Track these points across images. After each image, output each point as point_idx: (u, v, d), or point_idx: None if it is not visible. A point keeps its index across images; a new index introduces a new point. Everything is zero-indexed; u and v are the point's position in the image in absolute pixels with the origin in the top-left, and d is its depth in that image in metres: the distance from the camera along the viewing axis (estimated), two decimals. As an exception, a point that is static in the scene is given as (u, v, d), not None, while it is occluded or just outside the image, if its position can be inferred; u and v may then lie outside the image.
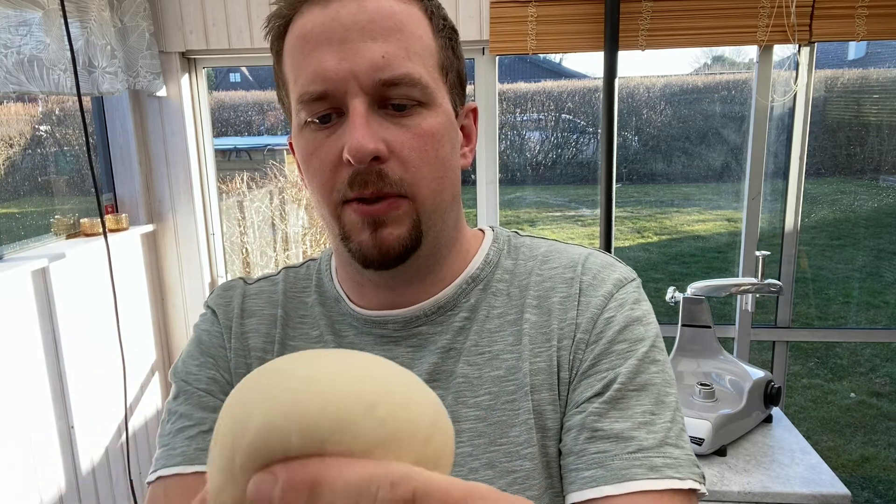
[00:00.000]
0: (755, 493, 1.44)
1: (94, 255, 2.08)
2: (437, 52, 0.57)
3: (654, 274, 4.24)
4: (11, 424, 1.73)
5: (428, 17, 0.57)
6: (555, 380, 0.59)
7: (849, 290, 3.92)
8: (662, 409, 0.56)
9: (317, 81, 0.53)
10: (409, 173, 0.55)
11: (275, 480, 0.21)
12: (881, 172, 3.47)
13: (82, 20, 1.94)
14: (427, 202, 0.57)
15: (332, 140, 0.55)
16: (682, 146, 3.37)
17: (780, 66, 2.18)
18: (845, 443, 3.17)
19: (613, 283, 0.61)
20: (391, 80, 0.53)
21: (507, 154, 3.53)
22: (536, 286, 0.63)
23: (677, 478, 0.53)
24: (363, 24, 0.53)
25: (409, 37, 0.55)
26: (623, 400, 0.56)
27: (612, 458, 0.54)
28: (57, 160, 2.32)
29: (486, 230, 0.70)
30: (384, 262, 0.57)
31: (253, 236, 3.22)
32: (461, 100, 0.62)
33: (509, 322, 0.62)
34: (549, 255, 0.65)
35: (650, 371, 0.58)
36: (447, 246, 0.62)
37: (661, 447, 0.54)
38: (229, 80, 4.73)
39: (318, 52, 0.53)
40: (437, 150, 0.56)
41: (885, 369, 3.62)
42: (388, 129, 0.54)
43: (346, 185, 0.54)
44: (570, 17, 2.10)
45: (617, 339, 0.58)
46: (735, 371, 1.77)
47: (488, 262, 0.65)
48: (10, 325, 1.75)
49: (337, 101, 0.54)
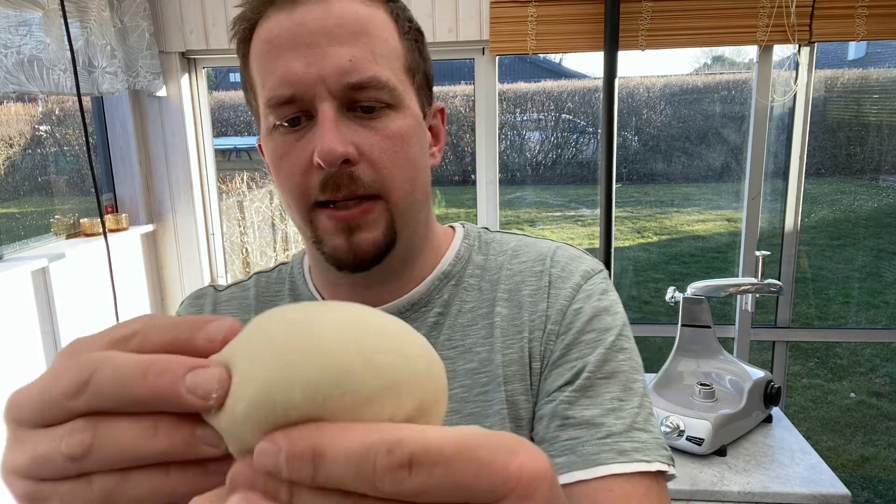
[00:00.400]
0: (755, 493, 1.44)
1: (94, 255, 2.08)
2: (404, 55, 0.58)
3: (654, 274, 4.24)
4: (11, 424, 1.73)
5: (394, 19, 0.58)
6: (527, 370, 0.61)
7: (849, 290, 3.92)
8: (630, 396, 0.58)
9: (285, 85, 0.54)
10: (381, 175, 0.56)
11: (278, 450, 0.22)
12: (881, 172, 3.47)
13: (82, 20, 1.94)
14: (400, 202, 0.57)
15: (301, 143, 0.55)
16: (682, 146, 3.37)
17: (780, 66, 2.18)
18: (845, 443, 3.17)
19: (581, 275, 0.64)
20: (359, 84, 0.54)
21: (507, 154, 3.52)
22: (507, 280, 0.65)
23: (645, 461, 0.55)
24: (329, 29, 0.54)
25: (376, 40, 0.55)
26: (592, 388, 0.58)
27: (582, 445, 0.56)
28: (57, 160, 2.32)
29: (456, 227, 0.71)
30: (359, 265, 0.58)
31: (253, 236, 3.22)
32: (429, 101, 0.63)
33: (481, 316, 0.64)
34: (519, 249, 0.67)
35: (618, 359, 0.60)
36: (419, 244, 0.64)
37: (630, 432, 0.56)
38: (229, 80, 4.73)
39: (285, 56, 0.54)
40: (406, 150, 0.57)
41: (885, 369, 3.62)
42: (357, 132, 0.55)
43: (317, 189, 0.55)
44: (570, 17, 2.10)
45: (585, 329, 0.61)
46: (735, 371, 1.77)
47: (459, 258, 0.67)
48: (10, 325, 1.75)
49: (305, 104, 0.54)
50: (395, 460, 0.21)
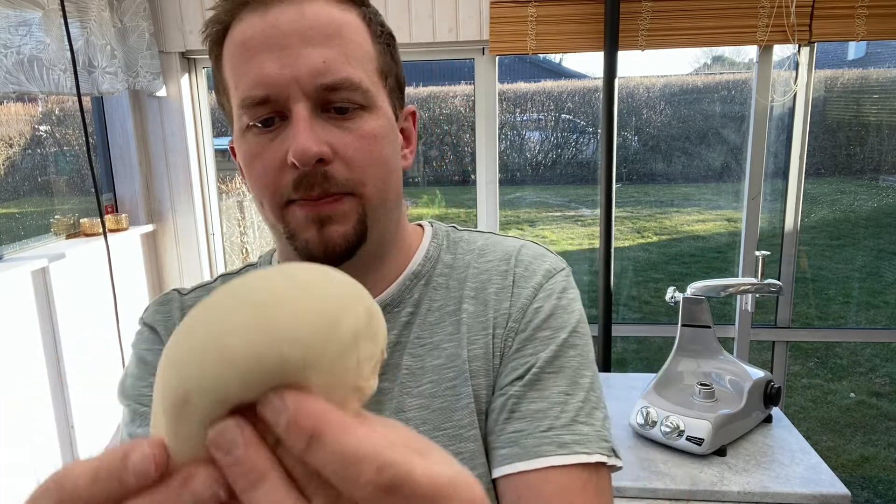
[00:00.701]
0: (755, 493, 1.44)
1: (94, 255, 2.08)
2: (376, 58, 0.59)
3: (654, 274, 4.24)
4: (12, 425, 1.73)
5: (366, 23, 0.59)
6: (490, 366, 0.63)
7: (849, 290, 3.92)
8: (576, 390, 0.60)
9: (259, 86, 0.54)
10: (355, 173, 0.56)
11: (284, 408, 0.23)
12: (881, 172, 3.47)
13: (82, 20, 1.94)
14: (373, 199, 0.58)
15: (275, 143, 0.55)
16: (682, 146, 3.37)
17: (780, 66, 2.18)
18: (845, 443, 3.17)
19: (543, 274, 0.65)
20: (332, 85, 0.54)
21: (507, 154, 3.52)
22: (474, 278, 0.67)
23: (584, 453, 0.57)
24: (303, 31, 0.54)
25: (349, 42, 0.56)
26: (539, 382, 0.60)
27: (525, 437, 0.58)
28: (57, 160, 2.32)
29: (424, 226, 0.72)
30: (329, 259, 0.58)
31: (253, 236, 3.22)
32: (400, 103, 0.65)
33: (448, 313, 0.65)
34: (486, 248, 0.69)
35: (568, 355, 0.62)
36: (390, 242, 0.65)
37: (571, 425, 0.58)
38: (229, 80, 4.70)
39: (258, 58, 0.54)
40: (380, 150, 0.58)
41: (885, 369, 3.62)
42: (331, 132, 0.55)
43: (290, 188, 0.56)
44: (570, 17, 2.10)
45: (542, 326, 0.62)
46: (735, 371, 1.77)
47: (429, 258, 0.68)
48: (10, 325, 1.75)
49: (279, 105, 0.55)
50: (380, 480, 0.22)
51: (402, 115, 0.65)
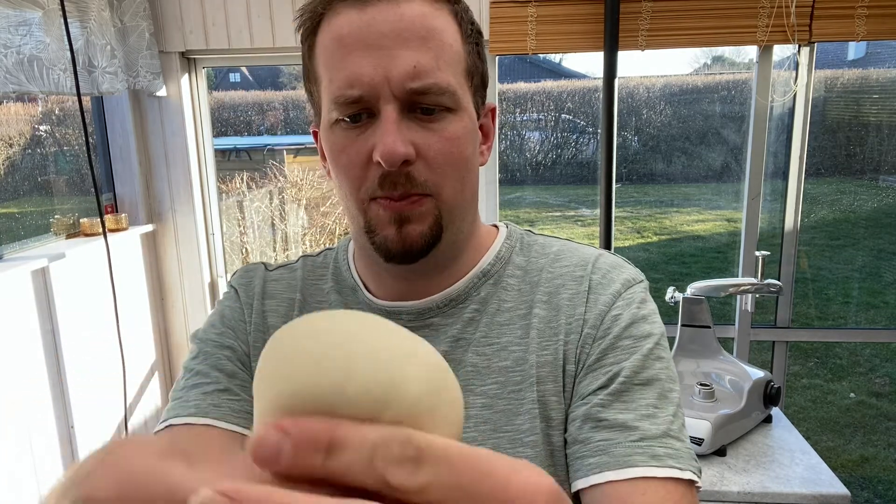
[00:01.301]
0: (755, 493, 1.44)
1: (94, 255, 2.08)
2: (465, 59, 0.60)
3: (654, 274, 4.24)
4: (11, 424, 1.73)
5: (458, 22, 0.60)
6: (560, 372, 0.62)
7: (848, 290, 3.92)
8: (665, 404, 0.58)
9: (354, 86, 0.56)
10: (435, 174, 0.58)
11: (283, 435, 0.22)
12: (881, 172, 3.47)
13: (82, 20, 1.94)
14: (449, 200, 0.60)
15: (362, 139, 0.57)
16: (682, 146, 3.37)
17: (780, 66, 2.18)
18: (845, 443, 3.17)
19: (622, 283, 0.64)
20: (422, 90, 0.56)
21: (507, 154, 3.53)
22: (547, 283, 0.66)
23: (678, 468, 0.55)
24: (398, 32, 0.55)
25: (440, 45, 0.57)
26: (627, 392, 0.58)
27: (615, 446, 0.56)
28: (57, 160, 2.32)
29: (500, 227, 0.73)
30: (406, 257, 0.60)
31: (253, 236, 3.23)
32: (482, 101, 0.66)
33: (519, 316, 0.65)
34: (561, 253, 0.68)
35: (655, 367, 0.60)
36: (464, 241, 0.66)
37: (664, 438, 0.56)
38: (229, 80, 4.73)
39: (354, 56, 0.56)
40: (461, 151, 0.59)
41: (884, 369, 3.62)
42: (416, 133, 0.57)
43: (375, 185, 0.58)
44: (570, 17, 2.10)
45: (623, 335, 0.61)
46: (735, 371, 1.77)
47: (500, 258, 0.68)
48: (10, 325, 1.75)
49: (370, 104, 0.56)
50: (406, 452, 0.22)
51: (483, 111, 0.66)
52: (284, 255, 3.37)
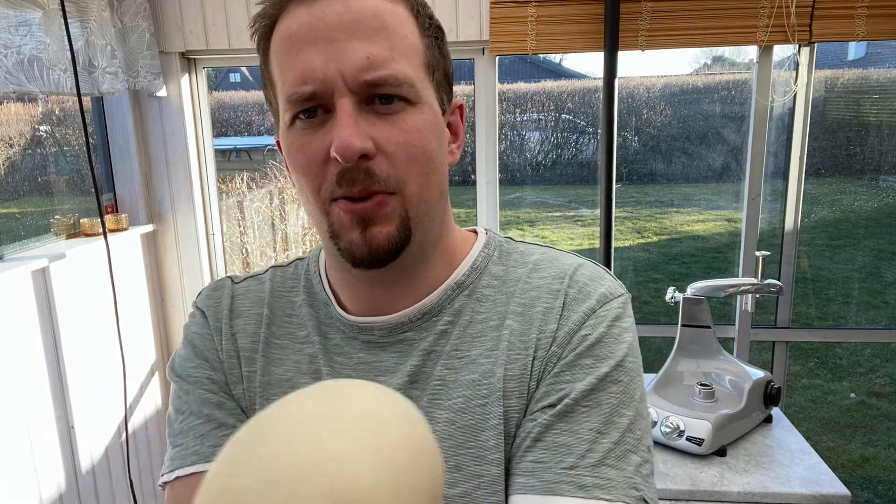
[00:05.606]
0: (755, 493, 1.44)
1: (94, 255, 2.08)
2: (423, 52, 0.58)
3: (653, 274, 4.24)
4: (12, 424, 1.73)
5: (414, 16, 0.58)
6: (525, 388, 0.59)
7: (849, 290, 3.92)
8: (610, 429, 0.56)
9: (307, 82, 0.54)
10: (397, 169, 0.55)
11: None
12: (881, 172, 3.47)
13: (82, 20, 1.94)
14: (414, 198, 0.57)
15: (318, 136, 0.55)
16: (682, 146, 3.37)
17: (780, 66, 2.18)
18: (845, 443, 3.17)
19: (597, 299, 0.61)
20: (376, 81, 0.54)
21: (507, 154, 3.53)
22: (522, 294, 0.63)
23: (605, 499, 0.52)
24: (348, 24, 0.53)
25: (395, 36, 0.55)
26: (571, 414, 0.56)
27: (545, 470, 0.54)
28: (57, 160, 2.32)
29: (479, 232, 0.70)
30: (374, 261, 0.57)
31: (253, 236, 3.23)
32: (448, 97, 0.63)
33: (491, 328, 0.62)
34: (540, 263, 0.65)
35: (608, 390, 0.57)
36: (434, 243, 0.63)
37: (597, 467, 0.54)
38: (229, 81, 4.73)
39: (304, 52, 0.54)
40: (424, 145, 0.57)
41: (884, 369, 3.62)
42: (375, 127, 0.55)
43: (333, 183, 0.55)
44: (570, 17, 2.10)
45: (585, 353, 0.58)
46: (735, 371, 1.77)
47: (475, 268, 0.65)
48: (10, 325, 1.75)
49: (324, 99, 0.54)
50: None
51: (450, 108, 0.64)
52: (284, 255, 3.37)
